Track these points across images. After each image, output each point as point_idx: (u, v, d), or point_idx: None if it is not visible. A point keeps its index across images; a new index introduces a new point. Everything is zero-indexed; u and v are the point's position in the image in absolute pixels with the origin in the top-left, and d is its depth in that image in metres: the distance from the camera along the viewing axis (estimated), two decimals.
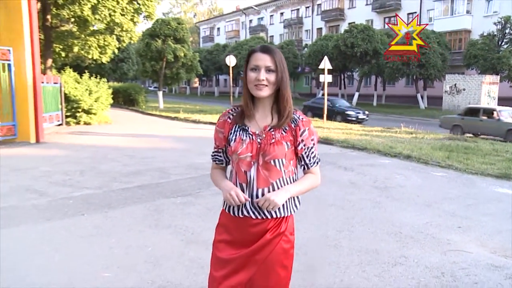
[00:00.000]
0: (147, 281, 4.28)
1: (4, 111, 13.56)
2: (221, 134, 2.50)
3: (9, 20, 13.50)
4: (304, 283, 4.25)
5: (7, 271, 4.55)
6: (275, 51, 2.39)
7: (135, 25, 24.70)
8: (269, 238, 2.40)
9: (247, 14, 69.33)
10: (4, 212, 6.53)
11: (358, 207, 7.01)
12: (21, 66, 13.52)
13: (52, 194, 7.62)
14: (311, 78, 55.20)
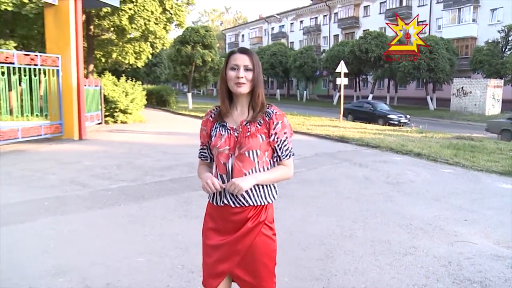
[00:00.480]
0: (178, 266, 4.33)
1: (52, 111, 13.83)
2: (204, 131, 2.53)
3: (59, 31, 13.79)
4: (323, 271, 4.26)
5: (56, 252, 4.65)
6: (252, 52, 2.44)
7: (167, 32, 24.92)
8: (250, 227, 2.40)
9: (269, 22, 69.17)
10: (52, 202, 6.66)
11: (371, 201, 6.98)
12: (67, 71, 13.75)
13: (93, 185, 7.74)
14: (328, 81, 54.88)
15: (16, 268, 4.26)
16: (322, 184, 8.07)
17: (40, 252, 4.70)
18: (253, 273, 2.45)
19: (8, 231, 5.36)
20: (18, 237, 5.17)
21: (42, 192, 7.26)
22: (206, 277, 2.50)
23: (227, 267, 2.44)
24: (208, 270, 2.48)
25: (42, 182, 7.96)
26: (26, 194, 7.16)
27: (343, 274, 4.18)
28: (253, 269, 2.45)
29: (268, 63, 50.56)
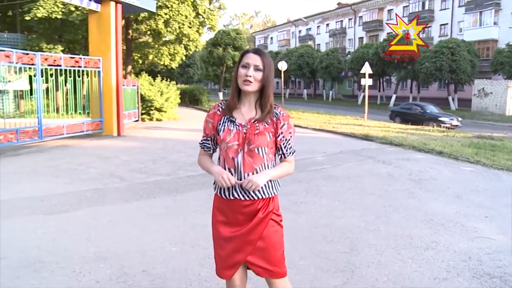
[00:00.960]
0: (209, 256, 4.34)
1: (94, 109, 14.09)
2: (210, 124, 2.50)
3: (101, 36, 14.06)
4: (347, 263, 4.23)
5: (97, 240, 4.74)
6: (265, 54, 2.43)
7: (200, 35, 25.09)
8: (261, 217, 2.43)
9: (296, 25, 68.86)
10: (93, 193, 6.78)
11: (394, 197, 6.88)
12: (107, 72, 13.99)
13: (130, 179, 7.85)
14: (353, 81, 54.34)
15: (62, 253, 4.36)
16: (347, 180, 8.01)
17: (82, 239, 4.80)
18: (267, 259, 2.47)
19: (54, 219, 5.49)
20: (63, 225, 5.29)
21: (84, 184, 7.41)
22: (220, 268, 2.51)
23: (241, 257, 2.45)
24: (223, 262, 2.49)
25: (84, 175, 8.12)
26: (70, 186, 7.32)
27: (366, 267, 4.14)
28: (267, 255, 2.47)
29: (296, 64, 50.38)
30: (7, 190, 6.98)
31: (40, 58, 11.70)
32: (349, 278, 3.90)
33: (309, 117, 21.46)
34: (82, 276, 3.87)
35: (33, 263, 4.13)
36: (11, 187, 7.18)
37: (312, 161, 9.92)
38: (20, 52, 11.50)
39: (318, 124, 18.07)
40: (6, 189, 7.07)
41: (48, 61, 12.07)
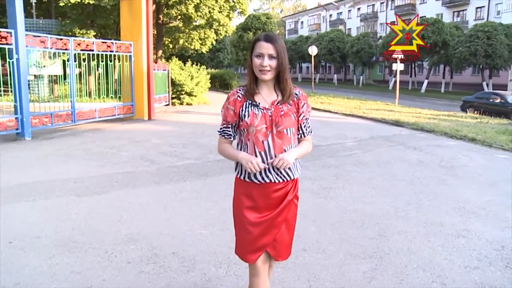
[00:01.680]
0: None
1: (125, 94, 14.27)
2: (232, 111, 2.49)
3: (132, 20, 14.17)
4: (377, 249, 4.19)
5: (128, 222, 4.83)
6: (276, 40, 2.40)
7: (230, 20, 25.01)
8: (290, 199, 2.53)
9: (327, 10, 67.98)
10: (124, 176, 6.89)
11: (425, 183, 6.77)
12: (138, 57, 14.11)
13: (161, 162, 7.94)
14: (384, 67, 53.51)
15: (95, 235, 4.46)
16: (377, 166, 7.92)
17: (114, 221, 4.89)
18: (286, 241, 2.60)
19: (87, 201, 5.61)
20: (95, 207, 5.40)
21: (116, 167, 7.53)
22: (245, 252, 2.55)
23: (268, 240, 2.51)
24: (248, 246, 2.52)
25: (116, 158, 8.25)
26: (102, 168, 7.46)
27: (395, 254, 4.10)
28: (286, 237, 2.58)
29: (326, 48, 49.84)
30: (44, 172, 7.18)
31: (73, 43, 11.87)
32: (378, 264, 3.87)
33: (339, 102, 21.24)
34: (113, 256, 3.95)
35: (67, 243, 4.24)
36: (47, 169, 7.36)
37: (342, 146, 9.84)
38: (54, 37, 11.69)
39: (348, 109, 17.88)
40: (43, 170, 7.27)
41: (81, 46, 12.24)
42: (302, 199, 5.68)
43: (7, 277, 3.56)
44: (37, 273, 3.63)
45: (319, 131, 12.02)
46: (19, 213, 5.14)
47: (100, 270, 3.69)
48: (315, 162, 8.07)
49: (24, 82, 10.34)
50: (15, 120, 10.29)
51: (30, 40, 10.59)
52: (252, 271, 2.59)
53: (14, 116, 10.33)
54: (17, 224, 4.76)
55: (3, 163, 7.86)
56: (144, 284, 3.46)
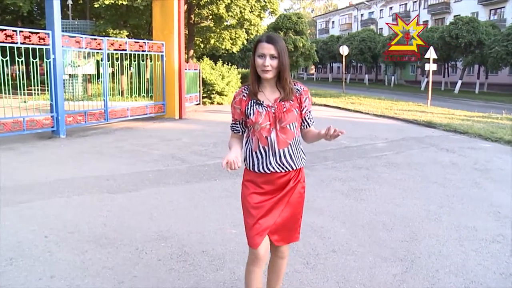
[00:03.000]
0: None
1: (157, 93, 14.46)
2: (238, 110, 2.67)
3: (164, 21, 14.35)
4: (407, 252, 4.13)
5: (159, 220, 4.89)
6: (277, 41, 2.52)
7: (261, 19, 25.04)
8: (292, 185, 2.65)
9: (359, 9, 67.32)
10: (155, 174, 6.98)
11: (458, 186, 6.62)
12: (170, 57, 14.27)
13: (191, 161, 8.01)
14: (416, 67, 52.60)
15: (126, 231, 4.54)
16: (409, 167, 7.80)
17: (145, 218, 4.96)
18: (288, 227, 2.70)
19: (118, 198, 5.71)
20: (126, 204, 5.49)
21: (147, 166, 7.64)
22: (252, 237, 2.62)
23: (268, 223, 2.62)
24: (252, 230, 2.62)
25: (147, 157, 8.36)
26: (133, 166, 7.57)
27: (427, 257, 4.03)
28: (288, 223, 2.69)
29: (357, 48, 49.27)
30: (77, 169, 7.34)
31: (107, 43, 12.09)
32: (408, 267, 3.81)
33: (370, 103, 21.00)
34: (144, 253, 4.00)
35: (99, 239, 4.33)
36: (81, 166, 7.53)
37: (373, 147, 9.73)
38: (89, 37, 11.93)
39: (379, 110, 17.66)
40: (77, 167, 7.44)
41: (114, 46, 12.46)
42: (332, 200, 5.69)
43: (43, 269, 3.66)
44: (71, 267, 3.72)
45: (349, 132, 11.91)
46: (55, 208, 5.27)
47: (131, 266, 3.75)
48: (346, 163, 8.01)
49: (59, 82, 10.59)
50: (50, 118, 10.56)
51: (66, 41, 10.85)
52: (252, 258, 2.68)
53: (50, 114, 10.60)
54: (52, 219, 4.89)
55: (40, 159, 8.08)
56: (174, 282, 3.50)
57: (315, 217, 5.04)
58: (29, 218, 4.92)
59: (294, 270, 3.71)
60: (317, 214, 5.15)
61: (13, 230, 4.56)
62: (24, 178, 6.72)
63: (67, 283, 3.44)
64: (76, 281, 3.48)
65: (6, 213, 5.07)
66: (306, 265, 3.82)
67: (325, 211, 5.31)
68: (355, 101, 21.70)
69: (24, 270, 3.66)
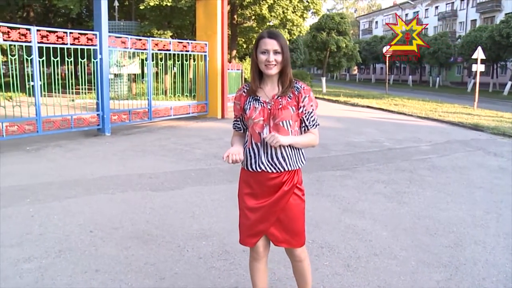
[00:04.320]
0: (308, 240, 4.33)
1: (199, 92, 14.63)
2: (238, 105, 2.68)
3: (207, 21, 14.50)
4: (452, 258, 4.02)
5: (200, 218, 4.95)
6: (279, 36, 2.52)
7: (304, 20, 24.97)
8: (286, 190, 2.58)
9: (403, 9, 66.03)
10: (197, 173, 7.07)
11: (507, 192, 6.38)
12: (213, 57, 14.40)
13: None
14: (462, 68, 51.17)
15: (168, 229, 4.61)
16: (453, 171, 7.59)
17: (187, 216, 5.03)
18: (287, 230, 2.65)
19: (161, 196, 5.81)
20: (169, 202, 5.58)
21: (190, 164, 7.74)
22: (244, 237, 2.70)
23: (265, 227, 2.63)
24: (247, 231, 2.67)
25: (189, 155, 8.47)
26: (176, 165, 7.69)
27: (472, 264, 3.90)
28: (287, 226, 2.64)
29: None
30: (121, 166, 7.52)
31: (151, 43, 12.32)
32: (453, 274, 3.70)
33: (414, 104, 20.55)
34: (185, 251, 4.06)
35: (142, 235, 4.42)
36: (125, 164, 7.71)
37: (416, 150, 9.53)
38: (134, 38, 12.20)
39: (423, 112, 17.27)
40: (121, 165, 7.62)
41: (159, 46, 12.69)
42: (374, 203, 5.61)
43: (89, 263, 3.77)
44: (114, 262, 3.81)
45: (392, 134, 11.73)
46: (100, 204, 5.42)
47: (173, 263, 3.81)
48: (388, 165, 7.88)
49: (106, 81, 10.88)
50: (96, 116, 10.86)
51: (112, 41, 11.13)
52: (253, 255, 2.76)
53: (96, 112, 10.90)
54: (98, 215, 5.03)
55: (86, 156, 8.32)
56: (214, 280, 3.53)
57: (357, 220, 4.99)
58: (75, 213, 5.08)
59: (334, 272, 3.68)
60: (359, 217, 5.09)
61: (61, 224, 4.72)
62: (71, 174, 6.95)
63: (111, 277, 3.53)
64: (120, 275, 3.57)
65: (55, 208, 5.25)
66: (347, 267, 3.78)
67: (366, 213, 5.24)
68: (398, 103, 21.30)
69: (71, 262, 3.78)
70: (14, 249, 4.04)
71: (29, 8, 31.51)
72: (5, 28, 8.81)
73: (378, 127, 13.09)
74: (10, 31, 8.85)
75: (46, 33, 9.49)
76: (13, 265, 3.73)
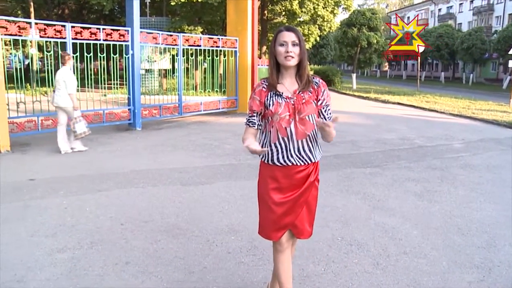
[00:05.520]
0: (338, 237, 4.34)
1: (229, 88, 14.68)
2: (257, 101, 2.66)
3: (237, 17, 14.51)
4: (484, 260, 3.93)
5: (229, 213, 4.97)
6: (297, 30, 2.59)
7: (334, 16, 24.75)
8: (312, 181, 2.69)
9: (436, 3, 64.66)
10: (227, 168, 7.10)
11: None
12: (243, 52, 14.42)
13: None
14: (498, 64, 49.85)
15: (198, 223, 4.65)
16: (487, 170, 7.42)
17: (216, 211, 5.06)
18: (307, 221, 2.77)
19: (191, 190, 5.87)
20: (198, 196, 5.62)
21: (219, 159, 7.78)
22: (270, 231, 2.74)
23: (291, 219, 2.70)
24: (272, 225, 2.71)
25: (219, 150, 8.52)
26: (206, 160, 7.75)
27: (507, 266, 3.80)
28: (308, 217, 2.77)
29: (434, 45, 47.31)
30: (152, 160, 7.62)
31: (182, 39, 12.41)
32: (485, 276, 3.62)
33: (446, 102, 20.15)
34: (214, 246, 4.09)
35: (171, 229, 4.47)
36: (155, 158, 7.80)
37: (448, 148, 9.35)
38: (165, 34, 12.30)
39: (456, 109, 16.93)
40: (151, 159, 7.72)
41: (189, 42, 12.77)
42: (404, 201, 5.54)
43: (119, 255, 3.84)
44: (144, 255, 3.87)
45: (423, 131, 11.54)
46: (130, 198, 5.51)
47: (202, 257, 3.84)
48: (419, 163, 7.76)
49: (137, 76, 11.02)
50: (128, 111, 11.02)
51: (143, 37, 11.26)
52: (278, 247, 2.79)
53: (127, 107, 11.06)
54: (128, 208, 5.11)
55: (117, 150, 8.46)
56: (242, 275, 3.54)
57: (387, 218, 4.93)
58: (107, 206, 5.17)
59: (364, 270, 3.65)
60: (389, 215, 5.03)
61: (93, 216, 4.82)
62: (103, 168, 7.07)
63: (141, 270, 3.59)
64: (149, 268, 3.62)
65: (87, 200, 5.36)
66: (376, 266, 3.74)
67: (396, 211, 5.18)
68: (430, 100, 20.92)
69: (102, 254, 3.86)
70: (49, 240, 4.16)
71: (64, 5, 32.22)
72: (42, 25, 9.03)
73: (409, 124, 12.89)
74: (47, 27, 9.06)
75: (80, 29, 9.68)
76: (48, 254, 3.84)
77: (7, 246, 4.01)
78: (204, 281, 3.43)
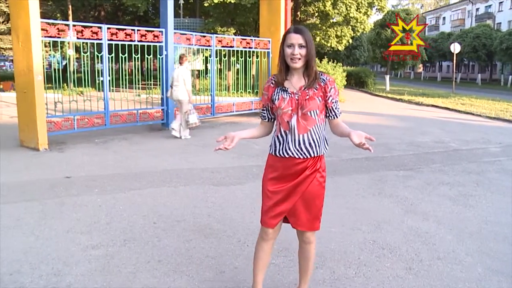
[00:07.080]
0: (369, 241, 4.29)
1: (262, 89, 14.67)
2: (266, 95, 2.83)
3: (270, 18, 14.49)
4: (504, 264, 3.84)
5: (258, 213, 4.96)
6: (304, 31, 2.64)
7: (367, 17, 24.50)
8: (308, 174, 2.75)
9: (474, 3, 63.07)
10: (258, 169, 7.11)
11: None
12: (276, 53, 14.32)
13: None
14: None
15: (229, 223, 4.68)
16: None
17: (247, 211, 5.08)
18: (306, 214, 2.83)
19: (222, 190, 5.91)
20: (230, 196, 5.66)
21: (251, 160, 7.82)
22: (266, 218, 2.86)
23: (285, 208, 2.80)
24: (269, 212, 2.83)
25: (250, 151, 8.54)
26: (237, 160, 7.79)
27: None
28: (307, 210, 2.82)
29: (470, 46, 46.23)
30: (184, 160, 7.71)
31: (215, 40, 12.50)
32: None
33: (483, 104, 19.67)
34: (245, 246, 4.10)
35: (203, 229, 4.51)
36: (187, 158, 7.89)
37: (485, 151, 9.13)
38: (198, 34, 12.42)
39: (493, 112, 16.51)
40: (184, 159, 7.82)
41: (222, 43, 12.86)
42: (438, 205, 5.45)
43: (152, 253, 3.90)
44: (176, 253, 3.91)
45: (458, 134, 11.30)
46: (163, 197, 5.59)
47: (233, 257, 3.86)
48: (454, 167, 7.60)
49: (170, 77, 11.15)
50: (161, 111, 11.18)
51: (177, 38, 11.40)
52: (263, 236, 2.93)
53: (161, 107, 11.22)
54: (161, 207, 5.18)
55: (150, 150, 8.59)
56: (273, 276, 3.55)
57: (420, 222, 4.85)
58: (140, 205, 5.26)
59: (396, 274, 3.60)
60: (422, 219, 4.95)
61: (126, 214, 4.91)
62: (136, 167, 7.20)
63: (173, 268, 3.63)
64: (181, 267, 3.66)
65: (120, 199, 5.47)
66: (408, 270, 3.68)
67: (430, 216, 5.09)
68: (465, 102, 20.46)
69: (135, 252, 3.92)
70: (84, 236, 4.26)
71: (100, 7, 32.92)
72: (79, 27, 9.25)
73: (444, 127, 12.65)
74: (84, 29, 9.28)
75: (115, 30, 9.88)
76: (83, 250, 3.93)
77: (46, 241, 4.14)
78: (234, 281, 3.46)
